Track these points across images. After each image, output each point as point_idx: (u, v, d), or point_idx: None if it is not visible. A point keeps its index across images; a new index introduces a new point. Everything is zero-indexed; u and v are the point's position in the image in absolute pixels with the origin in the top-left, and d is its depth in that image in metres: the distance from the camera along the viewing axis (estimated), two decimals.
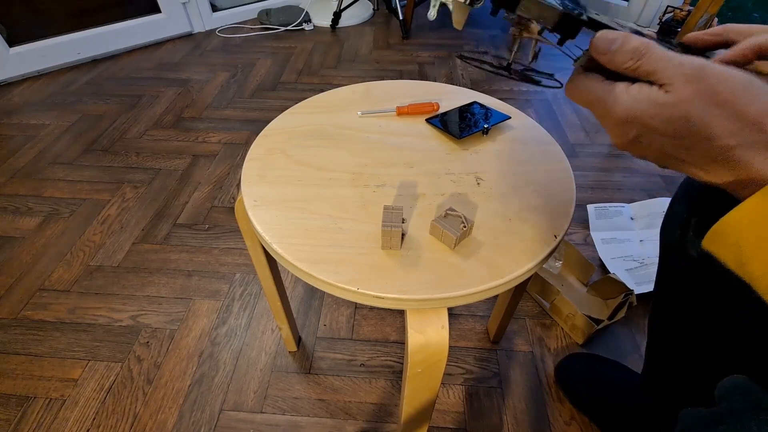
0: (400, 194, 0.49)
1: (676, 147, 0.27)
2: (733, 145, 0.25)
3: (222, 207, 1.16)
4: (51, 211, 1.14)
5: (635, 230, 1.07)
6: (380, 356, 0.84)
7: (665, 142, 0.27)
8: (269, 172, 0.52)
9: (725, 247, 0.26)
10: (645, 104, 0.27)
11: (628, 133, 0.28)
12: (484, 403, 0.78)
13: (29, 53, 1.69)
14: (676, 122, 0.26)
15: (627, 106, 0.27)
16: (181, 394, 0.78)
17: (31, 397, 0.78)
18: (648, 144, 0.28)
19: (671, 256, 0.49)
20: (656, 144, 0.27)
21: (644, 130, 0.27)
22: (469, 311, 0.92)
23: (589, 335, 0.84)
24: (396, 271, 0.41)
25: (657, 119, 0.26)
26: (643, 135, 0.28)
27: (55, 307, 0.92)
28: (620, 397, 0.71)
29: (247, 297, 0.94)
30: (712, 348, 0.47)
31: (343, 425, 0.75)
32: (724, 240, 0.26)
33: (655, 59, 0.27)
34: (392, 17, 2.28)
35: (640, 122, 0.27)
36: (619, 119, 0.28)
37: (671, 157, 0.28)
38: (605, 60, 0.28)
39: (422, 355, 0.40)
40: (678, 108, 0.26)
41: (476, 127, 0.57)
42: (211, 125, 1.46)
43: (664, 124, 0.26)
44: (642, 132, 0.27)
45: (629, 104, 0.27)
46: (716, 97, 0.25)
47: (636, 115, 0.27)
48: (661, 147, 0.27)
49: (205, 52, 1.92)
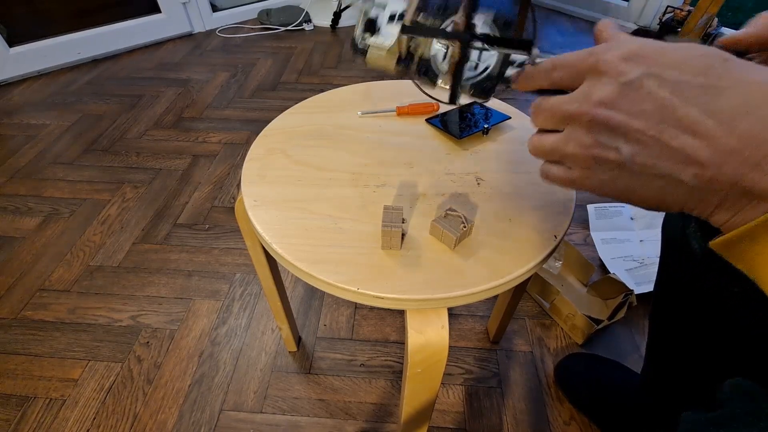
0: (400, 194, 0.49)
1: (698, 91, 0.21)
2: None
3: (222, 207, 1.16)
4: (51, 211, 1.14)
5: (635, 230, 1.07)
6: (380, 356, 0.84)
7: (685, 83, 0.21)
8: (269, 172, 0.52)
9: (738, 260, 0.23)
10: (668, 45, 0.22)
11: (631, 71, 0.22)
12: (483, 403, 0.78)
13: (29, 53, 1.69)
14: (711, 57, 0.21)
15: (642, 41, 0.23)
16: (181, 394, 0.78)
17: (31, 397, 0.78)
18: (653, 90, 0.22)
19: (673, 253, 0.49)
20: (667, 89, 0.22)
21: (660, 65, 0.22)
22: (469, 311, 0.92)
23: (588, 335, 0.84)
24: (396, 271, 0.41)
25: (688, 50, 0.22)
26: (655, 74, 0.22)
27: (55, 307, 0.92)
28: (620, 397, 0.71)
29: (247, 297, 0.94)
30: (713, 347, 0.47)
31: (343, 425, 0.75)
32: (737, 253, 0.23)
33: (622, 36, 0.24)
34: None
35: (657, 57, 0.22)
36: (629, 52, 0.23)
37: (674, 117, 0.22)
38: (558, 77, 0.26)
39: (422, 355, 0.40)
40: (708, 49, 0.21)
41: (476, 127, 0.57)
42: (211, 125, 1.46)
43: (695, 57, 0.21)
44: (655, 70, 0.22)
45: (645, 41, 0.23)
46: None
47: (654, 47, 0.22)
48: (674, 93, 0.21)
49: (205, 52, 1.92)
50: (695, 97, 0.21)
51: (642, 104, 0.22)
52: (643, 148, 0.23)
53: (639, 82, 0.22)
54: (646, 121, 0.22)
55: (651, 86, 0.22)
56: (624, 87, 0.23)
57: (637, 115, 0.23)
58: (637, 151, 0.23)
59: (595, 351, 0.85)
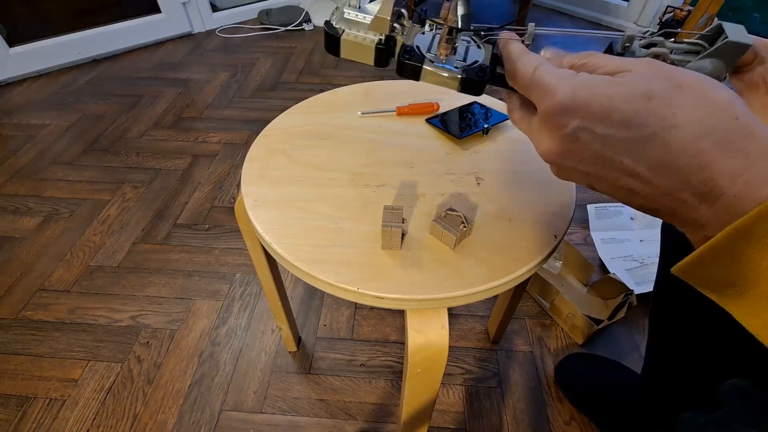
0: (400, 194, 0.49)
1: (625, 144, 0.22)
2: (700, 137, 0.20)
3: (222, 207, 1.16)
4: (51, 211, 1.14)
5: (635, 230, 1.07)
6: (380, 356, 0.84)
7: (613, 137, 0.22)
8: (269, 172, 0.52)
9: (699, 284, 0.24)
10: (598, 84, 0.23)
11: (567, 124, 0.24)
12: (483, 403, 0.78)
13: (29, 53, 1.69)
14: (635, 101, 0.22)
15: (573, 87, 0.23)
16: (181, 394, 0.78)
17: (31, 397, 0.78)
18: (588, 143, 0.23)
19: (673, 253, 0.49)
20: (598, 143, 0.23)
21: (589, 119, 0.23)
22: (469, 311, 0.92)
23: (588, 335, 0.84)
24: (396, 271, 0.41)
25: (612, 99, 0.22)
26: (586, 128, 0.23)
27: (55, 307, 0.92)
28: (620, 397, 0.71)
29: (247, 297, 0.94)
30: (713, 347, 0.47)
31: (343, 425, 0.75)
32: (695, 278, 0.23)
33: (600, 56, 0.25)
34: None
35: (586, 109, 0.23)
36: (560, 106, 0.24)
37: (611, 165, 0.23)
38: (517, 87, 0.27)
39: (422, 355, 0.40)
40: (638, 83, 0.22)
41: (476, 127, 0.57)
42: (211, 125, 1.46)
43: (619, 104, 0.22)
44: (585, 123, 0.23)
45: (576, 85, 0.23)
46: (677, 80, 0.22)
47: (583, 97, 0.23)
48: (605, 146, 0.23)
49: (205, 52, 1.92)
50: (624, 148, 0.23)
51: (582, 153, 0.24)
52: (598, 183, 0.25)
53: (575, 135, 0.24)
54: (591, 166, 0.24)
55: (585, 139, 0.24)
56: (564, 139, 0.25)
57: (582, 161, 0.25)
58: (594, 183, 0.26)
59: (595, 351, 0.85)
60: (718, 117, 0.20)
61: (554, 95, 0.24)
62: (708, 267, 0.22)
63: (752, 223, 0.19)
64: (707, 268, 0.22)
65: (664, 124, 0.21)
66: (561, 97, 0.24)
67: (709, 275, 0.22)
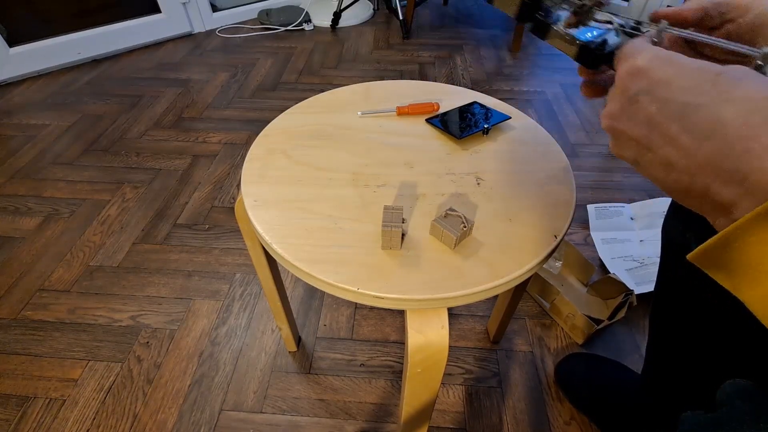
0: (401, 194, 0.49)
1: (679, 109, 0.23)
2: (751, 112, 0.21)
3: (222, 207, 1.16)
4: (51, 212, 1.14)
5: (635, 230, 1.07)
6: (380, 356, 0.84)
7: (669, 101, 0.24)
8: (269, 172, 0.52)
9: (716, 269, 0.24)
10: (677, 56, 0.25)
11: (633, 86, 0.26)
12: (483, 402, 0.78)
13: (29, 53, 1.69)
14: (703, 74, 0.23)
15: (654, 55, 0.25)
16: (181, 394, 0.78)
17: (31, 397, 0.78)
18: (645, 105, 0.25)
19: (673, 254, 0.49)
20: (655, 106, 0.24)
21: (654, 82, 0.24)
22: (469, 311, 0.92)
23: (589, 335, 0.84)
24: (396, 271, 0.41)
25: (683, 68, 0.24)
26: (648, 90, 0.25)
27: (55, 307, 0.92)
28: (620, 397, 0.71)
29: (247, 297, 0.94)
30: (713, 348, 0.47)
31: (343, 425, 0.75)
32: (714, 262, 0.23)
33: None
34: (392, 17, 2.28)
35: (655, 72, 0.25)
36: (634, 68, 0.26)
37: (659, 130, 0.24)
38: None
39: (422, 355, 0.40)
40: (715, 66, 0.23)
41: (476, 127, 0.57)
42: (211, 125, 1.46)
43: (688, 73, 0.23)
44: (649, 86, 0.25)
45: (658, 54, 0.25)
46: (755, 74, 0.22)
47: (658, 64, 0.25)
48: (659, 109, 0.24)
49: (205, 52, 1.92)
50: (676, 113, 0.24)
51: (637, 116, 0.26)
52: (640, 155, 0.26)
53: (635, 98, 0.26)
54: (639, 132, 0.26)
55: (644, 101, 0.25)
56: (625, 101, 0.26)
57: (632, 125, 0.26)
58: (636, 155, 0.27)
59: (595, 351, 0.85)
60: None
61: (635, 59, 0.26)
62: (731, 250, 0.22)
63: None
64: (730, 251, 0.22)
65: (721, 97, 0.22)
66: (639, 60, 0.26)
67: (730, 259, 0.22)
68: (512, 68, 1.79)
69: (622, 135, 0.27)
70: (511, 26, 2.17)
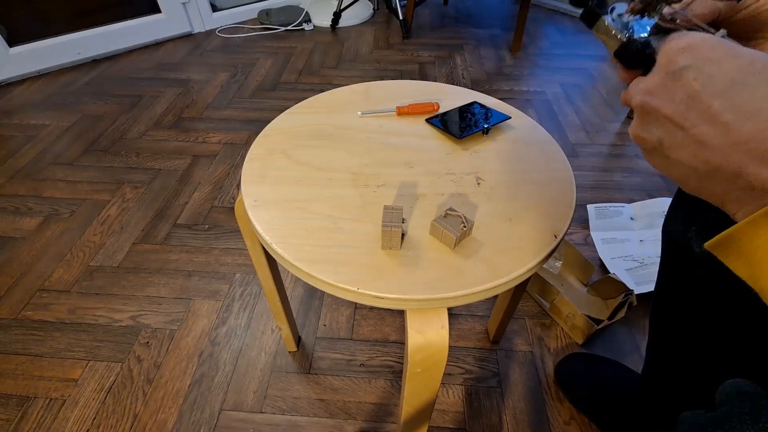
0: (400, 194, 0.49)
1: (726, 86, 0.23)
2: None
3: (222, 207, 1.16)
4: (51, 212, 1.14)
5: (635, 230, 1.07)
6: (380, 356, 0.84)
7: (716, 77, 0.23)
8: (269, 172, 0.52)
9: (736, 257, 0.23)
10: (731, 43, 0.24)
11: (679, 61, 0.25)
12: (483, 402, 0.78)
13: (29, 53, 1.69)
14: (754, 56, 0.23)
15: (708, 36, 0.25)
16: (181, 394, 0.78)
17: (31, 397, 0.78)
18: (688, 82, 0.24)
19: (673, 254, 0.49)
20: (699, 82, 0.23)
21: (704, 59, 0.24)
22: (469, 311, 0.92)
23: (589, 335, 0.84)
24: (396, 271, 0.41)
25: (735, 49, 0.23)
26: (695, 67, 0.24)
27: (55, 307, 0.92)
28: (620, 397, 0.71)
29: (247, 297, 0.94)
30: (713, 348, 0.47)
31: (342, 425, 0.75)
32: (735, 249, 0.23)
33: None
34: (392, 17, 2.28)
35: (707, 50, 0.24)
36: (686, 44, 0.25)
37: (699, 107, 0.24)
38: None
39: (422, 355, 0.40)
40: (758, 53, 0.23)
41: (476, 127, 0.57)
42: (211, 125, 1.46)
43: (739, 52, 0.23)
44: (698, 63, 0.24)
45: (712, 37, 0.25)
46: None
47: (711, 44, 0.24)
48: (704, 86, 0.23)
49: (205, 52, 1.92)
50: (722, 90, 0.23)
51: (675, 93, 0.24)
52: (669, 134, 0.25)
53: (680, 73, 0.24)
54: (675, 109, 0.24)
55: (688, 77, 0.24)
56: (666, 77, 0.25)
57: (669, 102, 0.25)
58: (664, 135, 0.26)
59: (595, 351, 0.85)
60: None
61: (688, 36, 0.25)
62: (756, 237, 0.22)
63: None
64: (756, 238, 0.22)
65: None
66: (690, 37, 0.25)
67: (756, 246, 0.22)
68: (512, 68, 1.80)
69: (654, 112, 0.26)
70: (511, 26, 2.17)
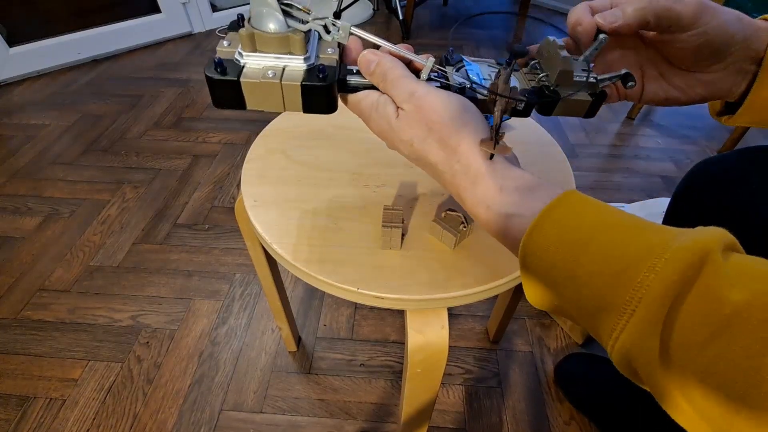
0: (400, 194, 0.49)
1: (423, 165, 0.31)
2: (444, 171, 0.28)
3: (222, 207, 1.16)
4: (51, 211, 1.14)
5: None
6: (380, 356, 0.84)
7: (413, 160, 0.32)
8: (269, 172, 0.52)
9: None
10: (384, 125, 0.30)
11: (385, 140, 0.33)
12: (483, 402, 0.78)
13: (29, 53, 1.69)
14: (406, 145, 0.29)
15: (375, 124, 0.31)
16: (181, 394, 0.78)
17: (31, 397, 0.78)
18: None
19: None
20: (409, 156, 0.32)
21: (392, 145, 0.32)
22: (469, 311, 0.92)
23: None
24: (396, 271, 0.41)
25: (394, 141, 0.30)
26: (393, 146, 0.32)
27: (55, 307, 0.92)
28: (620, 397, 0.71)
29: (247, 297, 0.94)
30: None
31: (342, 425, 0.75)
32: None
33: (390, 84, 0.30)
34: (392, 17, 2.28)
35: (388, 139, 0.31)
36: (373, 131, 0.33)
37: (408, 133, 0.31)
38: (371, 81, 0.32)
39: (422, 355, 0.40)
40: (403, 133, 0.29)
41: None
42: (211, 125, 1.46)
43: (401, 146, 0.30)
44: (391, 145, 0.32)
45: (376, 122, 0.31)
46: (430, 125, 0.28)
47: (380, 131, 0.31)
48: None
49: (205, 52, 1.91)
50: (428, 137, 0.29)
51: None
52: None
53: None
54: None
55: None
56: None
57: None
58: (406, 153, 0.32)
59: (595, 351, 0.85)
60: (451, 159, 0.30)
61: (370, 126, 0.33)
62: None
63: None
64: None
65: (427, 162, 0.31)
66: (373, 127, 0.33)
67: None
68: None
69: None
70: (511, 26, 2.17)
